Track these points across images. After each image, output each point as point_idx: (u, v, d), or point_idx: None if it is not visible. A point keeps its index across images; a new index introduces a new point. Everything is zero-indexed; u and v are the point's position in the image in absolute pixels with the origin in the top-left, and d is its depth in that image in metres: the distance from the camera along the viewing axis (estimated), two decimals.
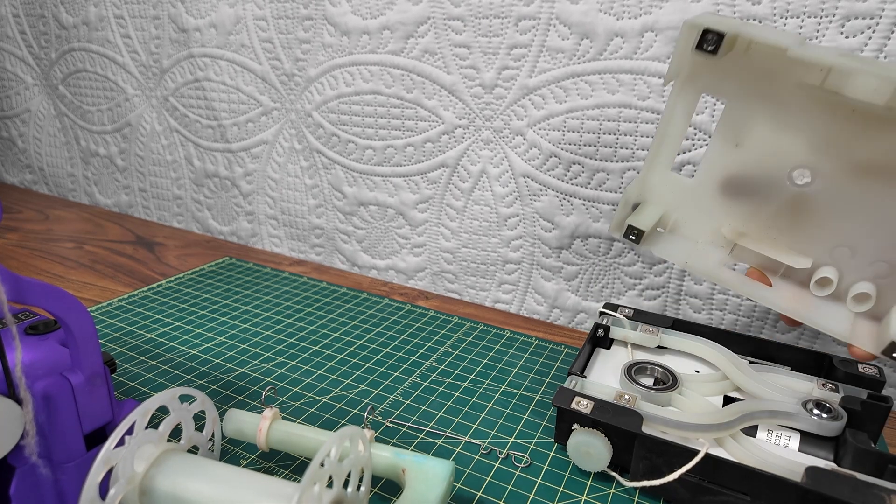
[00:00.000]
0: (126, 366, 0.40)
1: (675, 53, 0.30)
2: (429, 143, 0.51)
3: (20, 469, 0.23)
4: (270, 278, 0.56)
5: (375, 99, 0.53)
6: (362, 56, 0.52)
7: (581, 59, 0.43)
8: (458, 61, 0.48)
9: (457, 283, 0.55)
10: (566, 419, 0.31)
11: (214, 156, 0.66)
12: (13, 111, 0.83)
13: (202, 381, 0.39)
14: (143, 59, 0.67)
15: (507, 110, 0.47)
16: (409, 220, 0.55)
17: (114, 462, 0.22)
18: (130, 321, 0.46)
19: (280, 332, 0.45)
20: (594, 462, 0.30)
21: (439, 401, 0.37)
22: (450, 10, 0.47)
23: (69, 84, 0.76)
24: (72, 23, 0.72)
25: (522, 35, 0.45)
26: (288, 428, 0.29)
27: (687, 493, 0.28)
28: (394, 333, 0.46)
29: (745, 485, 0.27)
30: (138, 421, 0.23)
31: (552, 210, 0.48)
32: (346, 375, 0.40)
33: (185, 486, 0.23)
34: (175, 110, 0.67)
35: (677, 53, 0.30)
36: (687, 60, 0.30)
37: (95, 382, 0.25)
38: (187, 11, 0.61)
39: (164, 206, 0.73)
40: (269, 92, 0.59)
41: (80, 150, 0.79)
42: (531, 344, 0.45)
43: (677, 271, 0.45)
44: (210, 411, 0.28)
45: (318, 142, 0.58)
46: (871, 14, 0.35)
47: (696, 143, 0.41)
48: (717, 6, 0.38)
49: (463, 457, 0.32)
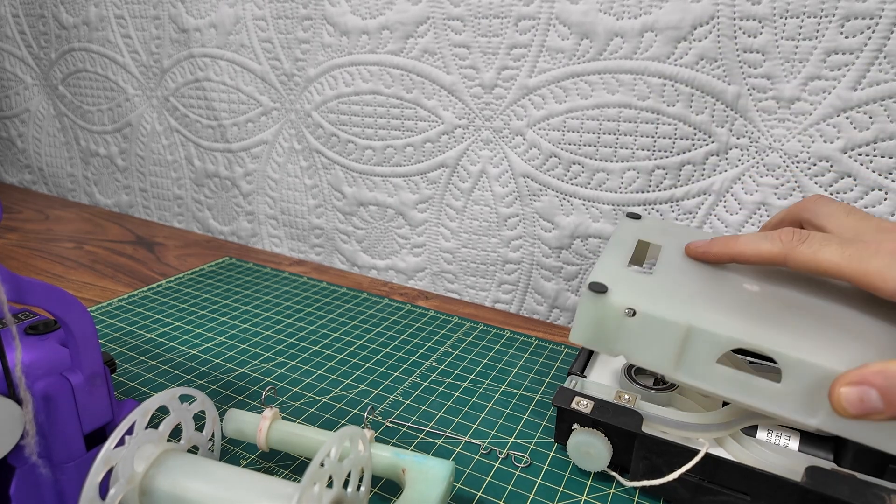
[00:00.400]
0: (126, 366, 0.40)
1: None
2: (428, 144, 0.51)
3: (20, 469, 0.23)
4: (270, 278, 0.56)
5: (375, 99, 0.53)
6: (362, 56, 0.52)
7: (581, 60, 0.43)
8: (457, 61, 0.48)
9: (457, 283, 0.55)
10: (566, 419, 0.31)
11: (215, 156, 0.66)
12: (13, 111, 0.83)
13: (202, 381, 0.39)
14: (144, 60, 0.67)
15: (506, 110, 0.47)
16: (408, 220, 0.55)
17: (114, 462, 0.22)
18: (130, 321, 0.46)
19: (280, 332, 0.45)
20: (594, 462, 0.30)
21: (439, 401, 0.37)
22: (449, 10, 0.47)
23: (69, 84, 0.76)
24: (72, 23, 0.72)
25: (522, 35, 0.45)
26: (288, 428, 0.29)
27: (687, 492, 0.28)
28: (394, 333, 0.46)
29: (745, 485, 0.27)
30: (138, 421, 0.23)
31: (552, 210, 0.48)
32: (346, 375, 0.40)
33: (185, 486, 0.23)
34: (175, 110, 0.67)
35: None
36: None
37: (95, 382, 0.25)
38: (187, 11, 0.61)
39: (165, 206, 0.73)
40: (269, 92, 0.59)
41: (80, 150, 0.79)
42: (531, 344, 0.45)
43: None
44: (210, 411, 0.28)
45: (317, 142, 0.58)
46: (871, 14, 0.35)
47: (695, 143, 0.41)
48: (716, 6, 0.38)
49: (463, 457, 0.32)
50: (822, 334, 0.26)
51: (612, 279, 0.28)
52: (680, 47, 0.40)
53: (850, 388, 0.23)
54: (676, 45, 0.40)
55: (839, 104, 0.37)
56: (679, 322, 0.26)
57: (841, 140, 0.37)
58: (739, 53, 0.39)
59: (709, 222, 0.43)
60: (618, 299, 0.27)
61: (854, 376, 0.23)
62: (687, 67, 0.40)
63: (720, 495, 0.27)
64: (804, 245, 0.27)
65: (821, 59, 0.37)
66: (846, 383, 0.23)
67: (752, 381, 0.26)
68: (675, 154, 0.42)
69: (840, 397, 0.23)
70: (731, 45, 0.39)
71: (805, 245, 0.27)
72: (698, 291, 0.29)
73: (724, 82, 0.39)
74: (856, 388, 0.23)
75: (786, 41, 0.37)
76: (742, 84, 0.39)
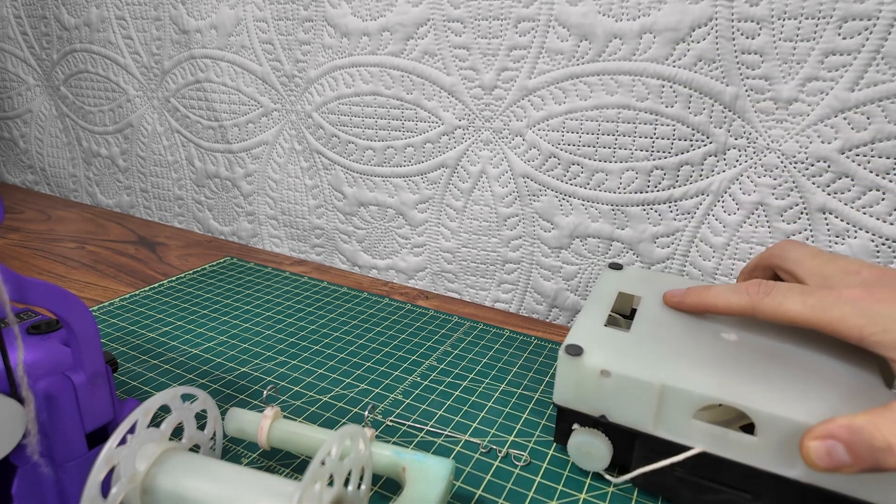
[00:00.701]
0: (128, 365, 0.40)
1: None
2: (429, 144, 0.52)
3: (22, 468, 0.23)
4: (271, 278, 0.56)
5: (375, 100, 0.53)
6: (362, 57, 0.52)
7: (580, 61, 0.43)
8: (457, 62, 0.48)
9: (457, 282, 0.55)
10: (567, 419, 0.31)
11: (215, 156, 0.66)
12: (15, 112, 0.84)
13: (203, 380, 0.39)
14: (145, 61, 0.67)
15: (506, 111, 0.47)
16: (409, 220, 0.55)
17: (116, 461, 0.22)
18: (132, 321, 0.47)
19: (281, 332, 0.46)
20: (595, 462, 0.30)
21: (439, 400, 0.38)
22: (449, 12, 0.47)
23: (71, 85, 0.76)
24: (73, 24, 0.72)
25: (522, 36, 0.45)
26: (289, 427, 0.29)
27: (689, 492, 0.28)
28: (394, 333, 0.46)
29: (746, 483, 0.27)
30: (140, 420, 0.23)
31: (551, 210, 0.48)
32: (347, 374, 0.40)
33: (186, 485, 0.23)
34: (176, 111, 0.67)
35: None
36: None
37: (97, 382, 0.25)
38: (188, 13, 0.62)
39: (166, 206, 0.73)
40: (270, 93, 0.59)
41: (82, 151, 0.79)
42: (531, 343, 0.45)
43: (675, 270, 0.45)
44: (211, 410, 0.28)
45: (318, 142, 0.58)
46: (869, 15, 0.35)
47: (694, 143, 0.42)
48: (714, 7, 0.38)
49: (463, 455, 0.32)
50: (795, 385, 0.27)
51: (588, 340, 0.30)
52: (678, 49, 0.40)
53: (818, 441, 0.23)
54: (675, 46, 0.40)
55: (837, 105, 0.37)
56: (652, 382, 0.27)
57: (839, 141, 0.37)
58: (737, 55, 0.39)
59: (707, 222, 0.43)
60: (592, 361, 0.29)
61: (820, 431, 0.23)
62: (685, 69, 0.40)
63: (721, 494, 0.27)
64: (769, 297, 0.28)
65: (818, 60, 0.37)
66: (814, 437, 0.23)
67: (728, 436, 0.27)
68: (674, 154, 0.42)
69: (809, 451, 0.24)
70: (730, 46, 0.39)
71: (770, 297, 0.28)
72: (674, 347, 0.30)
73: (722, 83, 0.40)
74: (822, 441, 0.23)
75: (784, 42, 0.37)
76: (740, 85, 0.39)
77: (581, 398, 0.29)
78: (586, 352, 0.29)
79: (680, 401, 0.27)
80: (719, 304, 0.31)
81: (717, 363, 0.28)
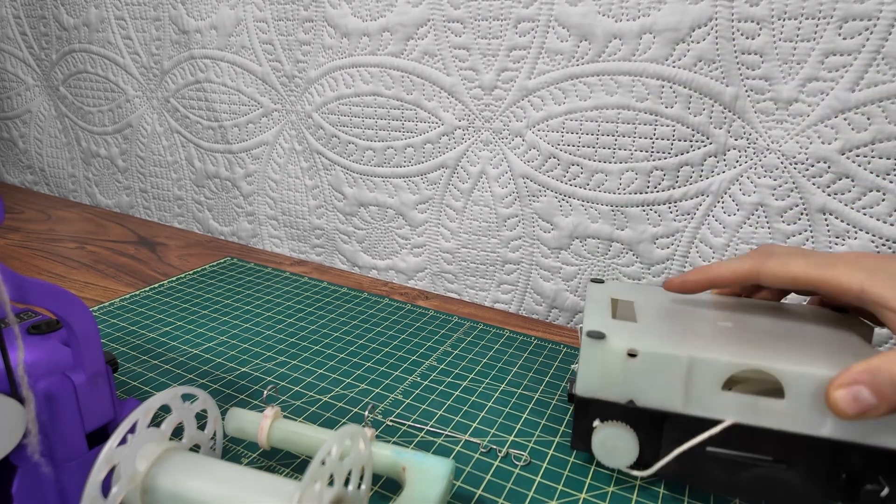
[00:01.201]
0: (128, 365, 0.40)
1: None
2: (428, 145, 0.52)
3: (22, 468, 0.23)
4: (271, 278, 0.56)
5: (375, 100, 0.53)
6: (362, 58, 0.52)
7: (580, 61, 0.43)
8: (457, 63, 0.48)
9: (456, 283, 0.55)
10: (588, 415, 0.30)
11: (215, 157, 0.66)
12: (14, 112, 0.84)
13: (204, 380, 0.39)
14: (144, 61, 0.67)
15: (506, 111, 0.47)
16: (408, 220, 0.55)
17: (116, 461, 0.22)
18: (132, 321, 0.47)
19: (281, 332, 0.46)
20: (622, 456, 0.29)
21: (439, 400, 0.38)
22: (449, 12, 0.47)
23: (70, 85, 0.76)
24: (72, 24, 0.72)
25: (521, 37, 0.45)
26: (289, 427, 0.29)
27: (722, 472, 0.28)
28: (394, 333, 0.46)
29: (778, 450, 0.27)
30: (140, 420, 0.23)
31: (551, 210, 0.48)
32: (347, 375, 0.40)
33: (186, 485, 0.23)
34: (176, 111, 0.67)
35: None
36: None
37: (97, 382, 0.25)
38: (188, 13, 0.62)
39: (165, 206, 0.73)
40: (270, 93, 0.59)
41: (81, 151, 0.79)
42: (530, 343, 0.45)
43: (675, 271, 0.45)
44: (212, 410, 0.28)
45: (318, 143, 0.58)
46: (869, 15, 0.35)
47: (694, 144, 0.42)
48: (714, 8, 0.38)
49: (463, 455, 0.32)
50: (805, 351, 0.27)
51: (605, 328, 0.30)
52: (678, 49, 0.40)
53: (843, 389, 0.24)
54: (675, 46, 0.40)
55: (837, 105, 0.37)
56: (680, 355, 0.27)
57: (839, 141, 0.37)
58: (737, 55, 0.39)
59: (706, 223, 0.43)
60: (617, 343, 0.28)
61: (843, 378, 0.25)
62: (685, 69, 0.40)
63: (756, 468, 0.27)
64: (773, 259, 0.29)
65: (819, 61, 0.37)
66: (838, 386, 0.25)
67: (758, 403, 0.27)
68: (674, 155, 0.42)
69: (837, 400, 0.24)
70: (730, 46, 0.39)
71: (774, 259, 0.29)
72: (685, 330, 0.30)
73: (722, 84, 0.40)
74: (847, 389, 0.24)
75: (784, 42, 0.37)
76: (740, 85, 0.39)
77: (607, 385, 0.29)
78: (608, 336, 0.29)
79: (709, 372, 0.27)
80: (724, 272, 0.31)
81: (730, 340, 0.29)
